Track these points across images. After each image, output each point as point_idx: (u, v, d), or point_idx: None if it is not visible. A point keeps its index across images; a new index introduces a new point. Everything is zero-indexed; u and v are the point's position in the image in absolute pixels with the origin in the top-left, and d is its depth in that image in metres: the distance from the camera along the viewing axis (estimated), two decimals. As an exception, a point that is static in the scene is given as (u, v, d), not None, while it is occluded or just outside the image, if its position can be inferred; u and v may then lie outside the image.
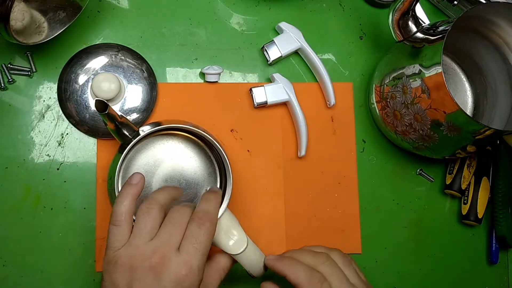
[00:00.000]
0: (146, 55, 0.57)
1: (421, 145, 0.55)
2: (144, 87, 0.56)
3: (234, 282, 0.57)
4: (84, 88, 0.55)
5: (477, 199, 0.61)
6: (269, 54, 0.59)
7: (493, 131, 0.47)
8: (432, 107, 0.49)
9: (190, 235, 0.41)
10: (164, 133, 0.51)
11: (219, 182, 0.52)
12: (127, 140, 0.47)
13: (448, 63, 0.64)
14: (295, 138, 0.60)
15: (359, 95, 0.63)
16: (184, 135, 0.52)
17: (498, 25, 0.55)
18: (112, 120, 0.44)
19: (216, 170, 0.52)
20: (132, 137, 0.47)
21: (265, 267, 0.48)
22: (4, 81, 0.54)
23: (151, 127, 0.48)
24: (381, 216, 0.62)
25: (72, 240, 0.54)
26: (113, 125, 0.45)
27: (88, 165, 0.55)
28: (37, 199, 0.54)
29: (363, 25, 0.64)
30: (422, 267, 0.63)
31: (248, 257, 0.47)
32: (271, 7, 0.62)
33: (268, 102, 0.58)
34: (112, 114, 0.43)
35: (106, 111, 0.42)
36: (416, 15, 0.53)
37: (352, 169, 0.61)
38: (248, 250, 0.47)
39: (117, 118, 0.44)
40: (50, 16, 0.52)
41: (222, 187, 0.51)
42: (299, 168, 0.60)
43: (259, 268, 0.48)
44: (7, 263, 0.52)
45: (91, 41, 0.57)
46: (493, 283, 0.65)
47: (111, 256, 0.40)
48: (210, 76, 0.58)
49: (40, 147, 0.54)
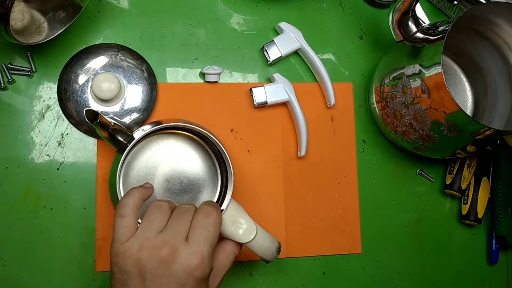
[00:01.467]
0: (146, 55, 0.57)
1: (421, 145, 0.55)
2: (144, 87, 0.56)
3: (234, 282, 0.57)
4: (84, 88, 0.54)
5: (477, 199, 0.61)
6: (269, 54, 0.59)
7: (493, 131, 0.47)
8: (432, 107, 0.49)
9: (197, 225, 0.41)
10: (162, 133, 0.51)
11: (220, 175, 0.52)
12: (123, 146, 0.47)
13: (448, 63, 0.64)
14: (295, 138, 0.60)
15: (359, 95, 0.63)
16: (182, 134, 0.52)
17: (498, 25, 0.55)
18: (104, 128, 0.44)
19: (216, 164, 0.52)
20: (127, 142, 0.47)
21: (278, 250, 0.49)
22: (4, 81, 0.54)
23: (151, 126, 0.48)
24: (381, 216, 0.62)
25: (72, 240, 0.54)
26: (106, 133, 0.45)
27: (88, 165, 0.55)
28: (37, 199, 0.54)
29: (363, 25, 0.64)
30: (422, 267, 0.63)
31: (259, 244, 0.47)
32: (271, 7, 0.62)
33: (268, 102, 0.58)
34: (104, 122, 0.43)
35: (97, 120, 0.42)
36: (416, 15, 0.53)
37: (352, 169, 0.61)
38: (258, 237, 0.47)
39: (109, 125, 0.44)
40: (50, 16, 0.52)
41: (222, 180, 0.52)
42: (299, 168, 0.60)
43: (272, 253, 0.48)
44: (7, 263, 0.52)
45: (91, 41, 0.57)
46: (493, 283, 0.65)
47: (118, 248, 0.40)
48: (210, 76, 0.58)
49: (40, 147, 0.54)
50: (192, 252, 0.39)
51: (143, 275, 0.39)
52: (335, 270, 0.60)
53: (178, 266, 0.39)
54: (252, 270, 0.58)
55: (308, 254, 0.59)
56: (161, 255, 0.39)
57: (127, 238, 0.40)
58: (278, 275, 0.58)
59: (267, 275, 0.58)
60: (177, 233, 0.40)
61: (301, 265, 0.59)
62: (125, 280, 0.39)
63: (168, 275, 0.39)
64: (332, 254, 0.60)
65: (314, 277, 0.59)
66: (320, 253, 0.60)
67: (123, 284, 0.39)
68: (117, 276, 0.40)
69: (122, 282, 0.39)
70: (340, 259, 0.60)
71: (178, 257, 0.39)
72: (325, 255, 0.60)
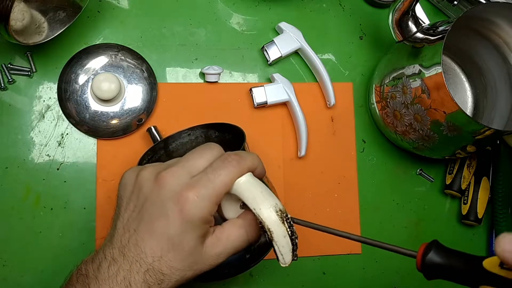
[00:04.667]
0: (146, 55, 0.57)
1: (421, 145, 0.55)
2: (144, 87, 0.56)
3: (234, 282, 0.57)
4: (84, 88, 0.54)
5: (477, 199, 0.61)
6: (269, 54, 0.59)
7: (493, 131, 0.47)
8: (432, 107, 0.49)
9: (209, 167, 0.37)
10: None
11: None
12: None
13: (448, 63, 0.64)
14: (295, 138, 0.60)
15: (359, 95, 0.63)
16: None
17: (498, 25, 0.55)
18: None
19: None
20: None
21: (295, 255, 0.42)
22: (4, 81, 0.54)
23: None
24: (381, 216, 0.62)
25: (72, 240, 0.54)
26: None
27: (88, 165, 0.55)
28: (37, 199, 0.54)
29: (363, 25, 0.64)
30: (422, 267, 0.62)
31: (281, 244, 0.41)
32: (271, 7, 0.62)
33: (268, 102, 0.58)
34: None
35: None
36: (416, 15, 0.53)
37: (352, 169, 0.61)
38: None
39: None
40: (50, 16, 0.52)
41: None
42: (299, 168, 0.60)
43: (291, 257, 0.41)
44: (7, 263, 0.52)
45: (91, 41, 0.57)
46: (493, 283, 0.65)
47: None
48: (210, 76, 0.58)
49: (40, 147, 0.54)
50: (187, 185, 0.36)
51: (138, 194, 0.38)
52: (335, 270, 0.60)
53: (168, 192, 0.36)
54: (252, 270, 0.58)
55: (308, 254, 0.59)
56: (159, 175, 0.37)
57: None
58: (278, 275, 0.58)
59: (267, 275, 0.58)
60: (185, 164, 0.38)
61: (301, 265, 0.59)
62: (121, 197, 0.39)
63: (156, 196, 0.37)
64: (332, 254, 0.60)
65: (314, 277, 0.59)
66: (320, 253, 0.60)
67: (118, 202, 0.40)
68: (119, 187, 0.40)
69: (119, 199, 0.40)
70: (340, 259, 0.60)
71: (172, 183, 0.36)
72: (325, 255, 0.60)
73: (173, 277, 0.36)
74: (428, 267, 0.35)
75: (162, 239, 0.36)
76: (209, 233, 0.38)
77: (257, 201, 0.37)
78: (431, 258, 0.35)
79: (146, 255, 0.36)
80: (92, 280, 0.36)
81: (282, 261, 0.37)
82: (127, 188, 0.39)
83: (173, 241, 0.36)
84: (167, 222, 0.36)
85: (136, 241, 0.37)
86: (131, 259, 0.36)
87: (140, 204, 0.38)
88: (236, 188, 0.37)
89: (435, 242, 0.36)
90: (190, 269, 0.37)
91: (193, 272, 0.38)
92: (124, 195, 0.39)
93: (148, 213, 0.37)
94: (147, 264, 0.36)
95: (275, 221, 0.36)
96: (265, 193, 0.37)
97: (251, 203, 0.37)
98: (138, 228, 0.37)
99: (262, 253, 0.45)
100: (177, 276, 0.37)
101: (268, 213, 0.36)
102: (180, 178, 0.37)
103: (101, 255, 0.37)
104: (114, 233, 0.38)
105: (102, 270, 0.36)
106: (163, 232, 0.36)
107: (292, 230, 0.37)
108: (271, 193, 0.38)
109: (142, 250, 0.36)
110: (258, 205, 0.37)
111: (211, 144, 0.40)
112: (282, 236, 0.36)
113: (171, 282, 0.37)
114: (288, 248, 0.37)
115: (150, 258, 0.36)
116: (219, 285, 0.57)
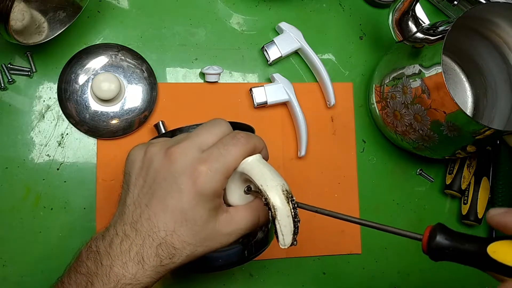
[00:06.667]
0: (146, 55, 0.57)
1: (421, 145, 0.55)
2: (144, 87, 0.56)
3: (234, 282, 0.57)
4: (84, 88, 0.54)
5: (477, 199, 0.61)
6: (269, 54, 0.59)
7: (493, 131, 0.47)
8: (432, 107, 0.49)
9: (220, 142, 0.38)
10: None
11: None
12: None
13: (448, 63, 0.64)
14: (295, 138, 0.60)
15: (359, 95, 0.63)
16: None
17: (498, 25, 0.55)
18: None
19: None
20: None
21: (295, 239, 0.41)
22: (4, 81, 0.54)
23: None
24: (381, 216, 0.62)
25: (72, 240, 0.54)
26: None
27: (88, 165, 0.55)
28: (37, 199, 0.54)
29: (363, 25, 0.64)
30: (422, 267, 0.62)
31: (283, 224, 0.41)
32: (271, 7, 0.62)
33: (268, 102, 0.58)
34: None
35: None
36: (416, 15, 0.53)
37: (352, 169, 0.61)
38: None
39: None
40: (50, 16, 0.52)
41: None
42: (299, 168, 0.60)
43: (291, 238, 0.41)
44: (7, 263, 0.52)
45: (91, 41, 0.57)
46: (494, 283, 0.64)
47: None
48: (210, 76, 0.58)
49: (40, 147, 0.54)
50: (199, 159, 0.36)
51: (147, 169, 0.38)
52: (335, 270, 0.60)
53: (179, 167, 0.36)
54: (252, 270, 0.58)
55: (308, 254, 0.59)
56: (169, 150, 0.37)
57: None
58: (278, 275, 0.58)
59: (267, 275, 0.58)
60: (195, 139, 0.38)
61: (301, 265, 0.59)
62: (129, 174, 0.39)
63: (168, 174, 0.37)
64: (332, 254, 0.60)
65: (314, 277, 0.59)
66: (320, 253, 0.60)
67: (126, 178, 0.39)
68: (126, 163, 0.40)
69: (126, 176, 0.39)
70: (340, 259, 0.60)
71: (183, 158, 0.37)
72: (325, 255, 0.60)
73: (184, 252, 0.37)
74: (434, 250, 0.35)
75: (175, 213, 0.36)
76: (222, 210, 0.39)
77: (265, 178, 0.37)
78: (439, 241, 0.35)
79: (159, 229, 0.36)
80: (105, 256, 0.36)
81: (281, 242, 0.37)
82: (135, 164, 0.39)
83: (186, 215, 0.36)
84: (180, 195, 0.36)
85: (148, 216, 0.37)
86: (144, 234, 0.36)
87: (151, 179, 0.38)
88: (245, 166, 0.38)
89: (440, 225, 0.37)
90: (201, 245, 0.37)
91: (203, 249, 0.38)
92: (133, 171, 0.39)
93: (159, 188, 0.37)
94: (160, 238, 0.36)
95: (281, 199, 0.37)
96: (273, 173, 0.38)
97: (258, 179, 0.37)
98: (150, 203, 0.37)
99: (259, 249, 0.45)
100: (188, 251, 0.37)
101: (275, 190, 0.37)
102: (191, 153, 0.37)
103: (112, 232, 0.37)
104: (124, 210, 0.38)
105: (114, 246, 0.36)
106: (176, 206, 0.36)
107: (296, 213, 0.37)
108: (278, 174, 0.38)
109: (155, 224, 0.36)
110: (265, 182, 0.37)
111: (220, 120, 0.41)
112: (285, 216, 0.37)
113: (181, 257, 0.37)
114: (289, 229, 0.37)
115: (163, 232, 0.36)
116: (219, 285, 0.57)
